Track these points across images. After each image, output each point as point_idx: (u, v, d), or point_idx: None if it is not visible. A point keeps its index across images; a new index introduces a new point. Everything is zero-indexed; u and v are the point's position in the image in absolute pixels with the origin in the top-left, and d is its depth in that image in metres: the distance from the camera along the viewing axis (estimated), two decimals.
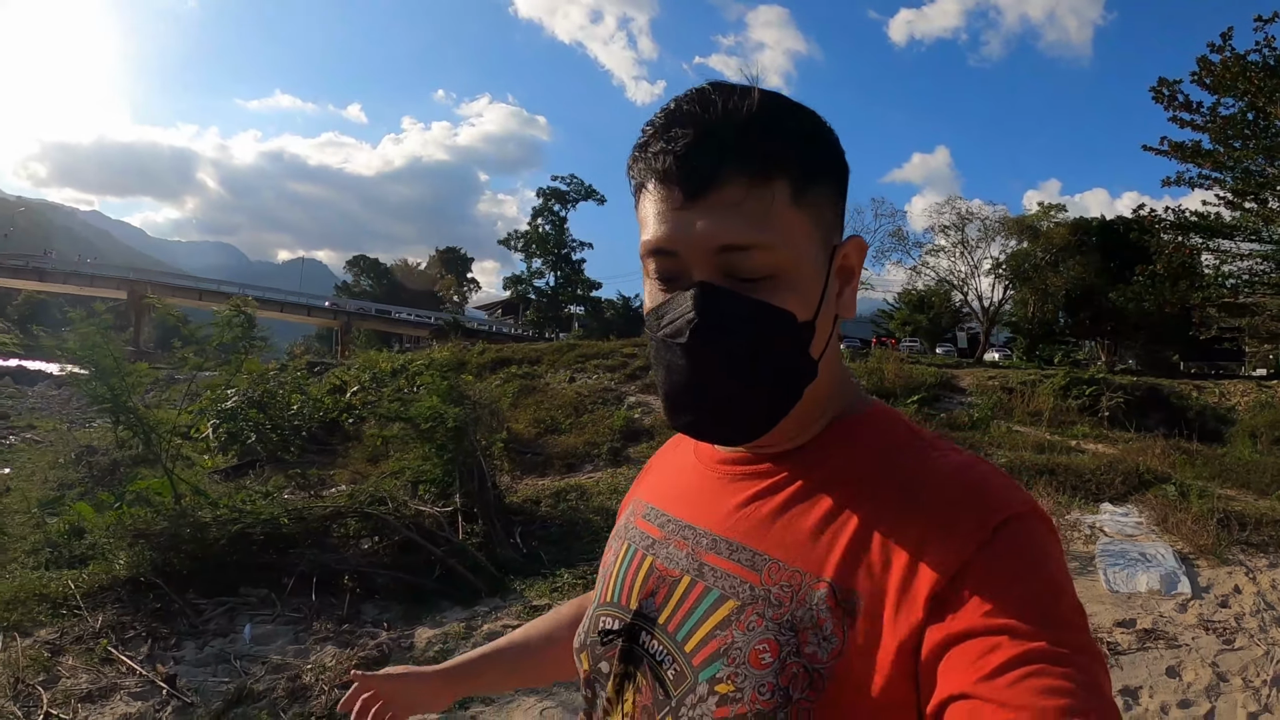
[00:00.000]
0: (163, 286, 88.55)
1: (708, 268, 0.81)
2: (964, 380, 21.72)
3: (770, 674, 0.77)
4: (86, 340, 8.21)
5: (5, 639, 5.52)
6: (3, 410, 31.70)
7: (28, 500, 10.79)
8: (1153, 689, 4.68)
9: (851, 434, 0.90)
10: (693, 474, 1.00)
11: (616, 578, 0.99)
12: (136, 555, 6.85)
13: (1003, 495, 0.78)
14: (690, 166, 0.79)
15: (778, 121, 0.82)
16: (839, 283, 0.88)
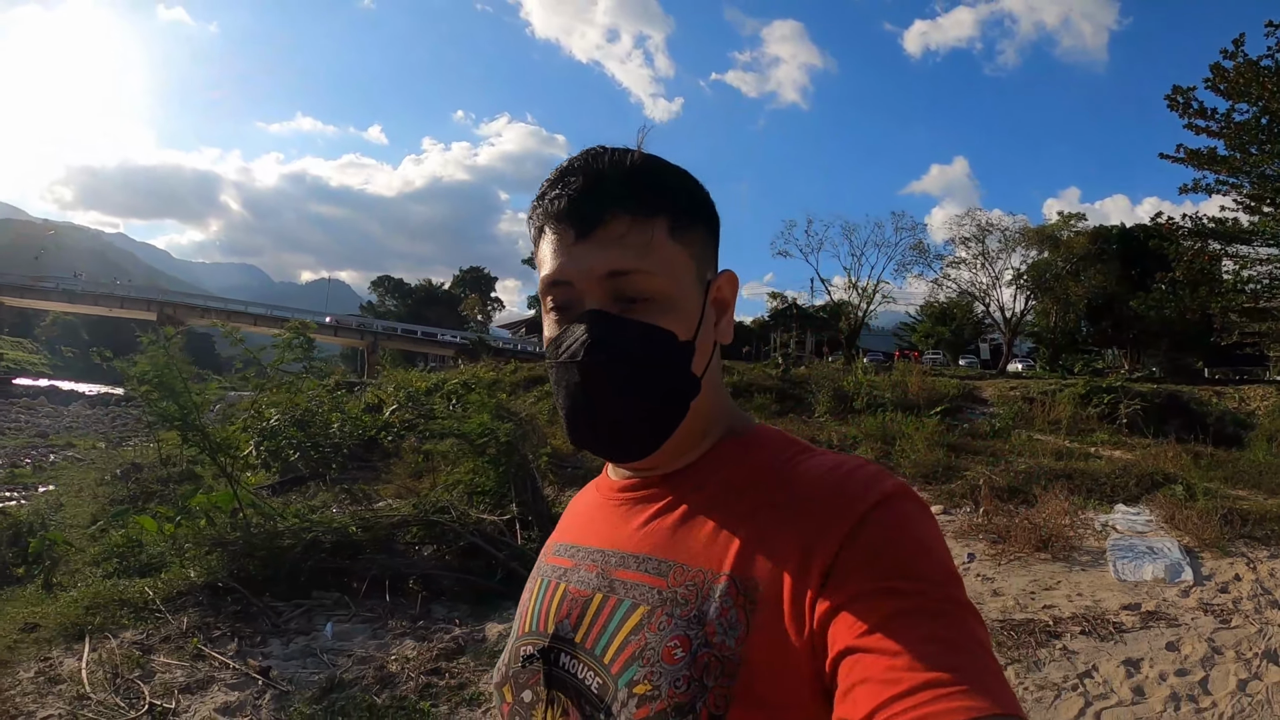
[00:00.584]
0: (192, 308, 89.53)
1: (597, 294, 0.91)
2: (986, 391, 22.05)
3: (684, 667, 0.82)
4: (156, 361, 8.75)
5: (93, 640, 5.90)
6: (41, 429, 32.58)
7: (80, 516, 11.43)
8: (1153, 661, 5.22)
9: (738, 450, 0.98)
10: (596, 507, 1.08)
11: (532, 610, 1.04)
12: (214, 562, 7.33)
13: (874, 482, 0.86)
14: (581, 208, 0.91)
15: (656, 173, 0.95)
16: (715, 312, 0.99)
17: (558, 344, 0.93)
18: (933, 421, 15.49)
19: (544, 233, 0.95)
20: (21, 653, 5.76)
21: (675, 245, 0.93)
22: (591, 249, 0.91)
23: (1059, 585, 6.85)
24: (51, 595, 7.36)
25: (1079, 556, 7.62)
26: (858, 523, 0.81)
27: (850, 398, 18.70)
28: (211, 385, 10.83)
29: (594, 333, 0.90)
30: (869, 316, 55.89)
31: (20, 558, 9.01)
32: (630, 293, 0.91)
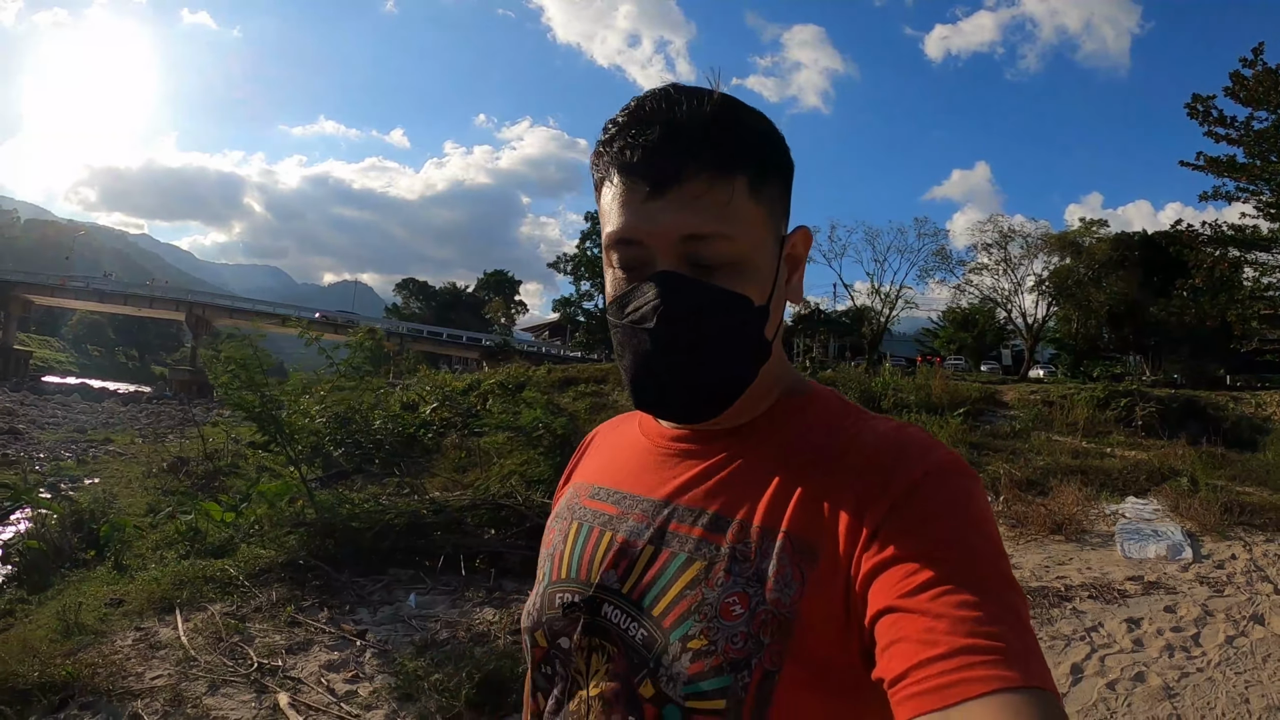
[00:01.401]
0: (220, 308, 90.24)
1: (671, 256, 0.87)
2: (1007, 395, 22.48)
3: (742, 624, 0.83)
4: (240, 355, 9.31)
5: (184, 612, 6.40)
6: (79, 425, 33.48)
7: (136, 506, 12.10)
8: (1152, 620, 6.01)
9: (799, 410, 0.97)
10: (643, 452, 1.05)
11: (571, 555, 1.01)
12: (293, 542, 7.96)
13: (930, 450, 0.86)
14: (656, 161, 0.86)
15: (737, 122, 0.89)
16: (788, 270, 0.96)
17: (624, 303, 0.91)
18: (956, 422, 15.94)
19: (608, 183, 0.91)
20: (113, 624, 6.24)
21: (754, 204, 0.89)
22: (666, 207, 0.86)
23: (1071, 561, 7.62)
24: (126, 575, 7.87)
25: (1090, 538, 8.39)
26: (910, 488, 0.82)
27: (877, 400, 19.24)
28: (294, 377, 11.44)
29: (667, 298, 0.87)
30: (891, 322, 56.07)
31: (86, 543, 9.51)
32: (707, 257, 0.88)
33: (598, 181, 0.94)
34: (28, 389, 56.09)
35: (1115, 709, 4.61)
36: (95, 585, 7.55)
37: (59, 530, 9.63)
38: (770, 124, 0.95)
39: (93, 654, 5.60)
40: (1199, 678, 5.07)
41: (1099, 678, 5.01)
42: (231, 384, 9.40)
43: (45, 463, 19.82)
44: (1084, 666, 5.19)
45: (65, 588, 7.87)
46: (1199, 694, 4.82)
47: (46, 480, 15.16)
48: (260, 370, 9.46)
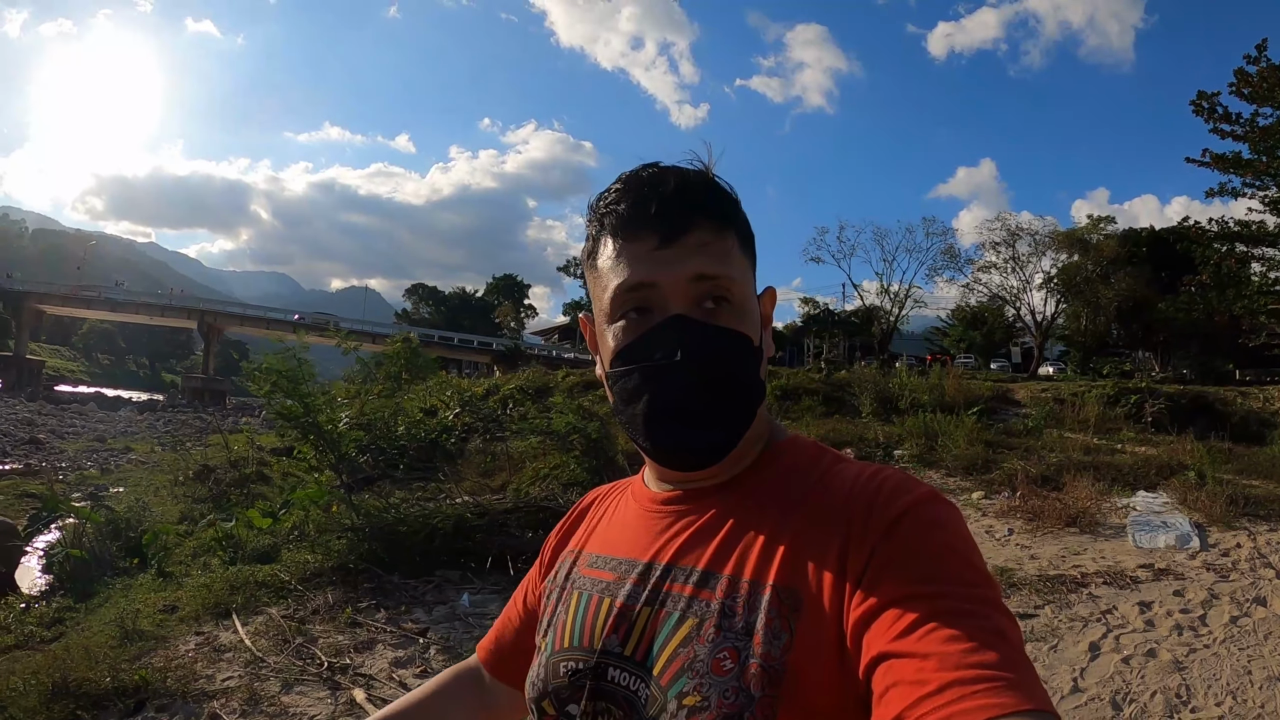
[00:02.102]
0: (232, 316, 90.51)
1: (683, 298, 0.94)
2: (1018, 393, 22.73)
3: (732, 678, 0.84)
4: (284, 365, 9.65)
5: (241, 617, 6.58)
6: (98, 434, 33.74)
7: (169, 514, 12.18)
8: (1162, 603, 6.41)
9: (776, 460, 1.01)
10: (636, 517, 1.08)
11: (574, 623, 1.03)
12: (342, 546, 8.19)
13: (904, 488, 0.89)
14: (669, 214, 0.94)
15: (724, 191, 1.00)
16: (760, 327, 1.01)
17: (643, 348, 0.95)
18: (970, 420, 16.20)
19: (613, 241, 0.97)
20: (171, 629, 6.40)
21: (743, 257, 0.98)
22: (678, 254, 0.93)
23: (1085, 551, 7.99)
24: (172, 582, 8.05)
25: (1103, 530, 8.76)
26: (889, 528, 0.84)
27: (894, 399, 19.49)
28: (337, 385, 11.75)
29: (687, 338, 0.92)
30: (901, 321, 56.20)
31: (125, 551, 9.68)
32: (715, 296, 0.94)
33: (593, 245, 1.01)
34: (44, 398, 56.46)
35: (1130, 680, 5.01)
36: (144, 592, 7.71)
37: (98, 539, 9.84)
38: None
39: (158, 658, 5.78)
40: (1205, 653, 5.46)
41: (1114, 654, 5.40)
42: (273, 394, 9.71)
43: (69, 472, 20.17)
44: (1100, 645, 5.57)
45: (111, 595, 8.05)
46: (1205, 667, 5.21)
47: (73, 490, 15.41)
48: (305, 380, 9.75)
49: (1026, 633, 5.85)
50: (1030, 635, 5.78)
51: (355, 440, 10.68)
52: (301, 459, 11.34)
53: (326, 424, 9.96)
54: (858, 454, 14.02)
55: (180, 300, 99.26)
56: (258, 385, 10.24)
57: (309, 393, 9.81)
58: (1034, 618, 6.14)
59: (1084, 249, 47.43)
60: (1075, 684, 5.00)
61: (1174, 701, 4.74)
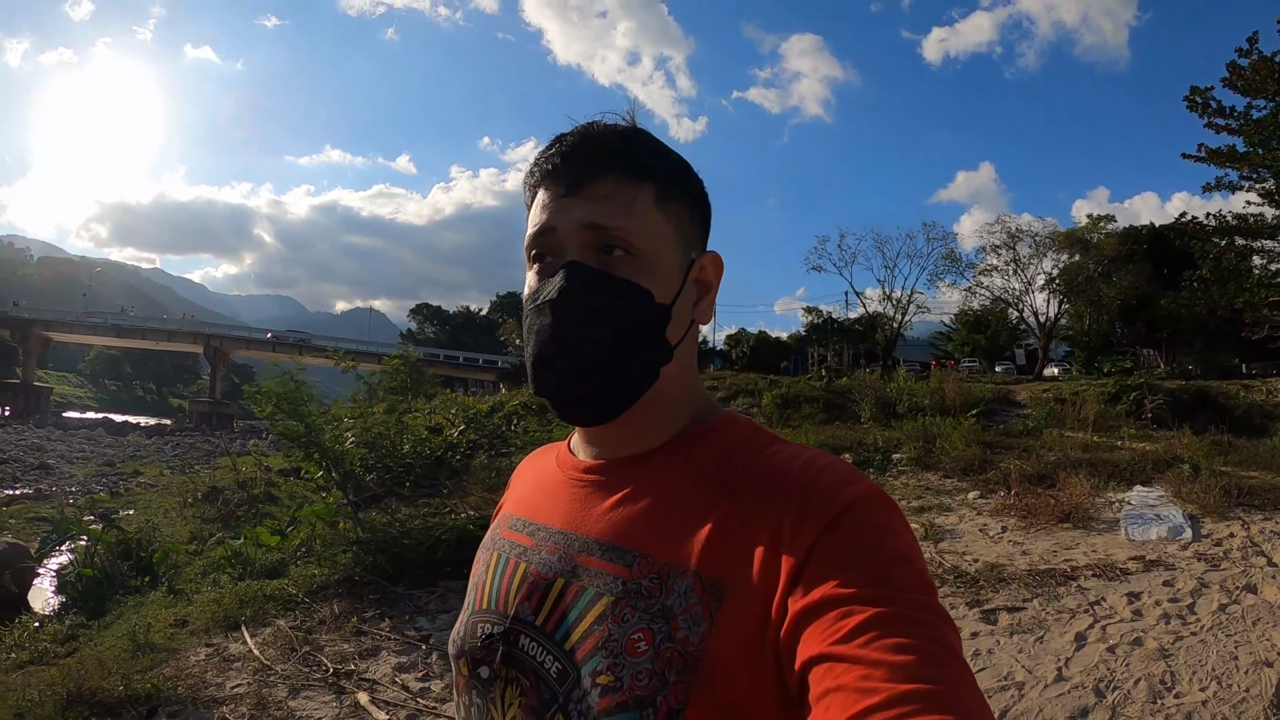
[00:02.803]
0: (238, 340, 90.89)
1: (578, 245, 0.94)
2: (1020, 394, 22.78)
3: (647, 660, 0.83)
4: (283, 387, 9.91)
5: (250, 629, 6.83)
6: (107, 458, 33.96)
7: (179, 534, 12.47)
8: (1150, 593, 6.47)
9: (705, 437, 0.98)
10: (558, 484, 1.06)
11: (491, 586, 1.03)
12: (347, 560, 8.42)
13: (847, 481, 0.85)
14: (571, 165, 0.95)
15: (647, 143, 0.99)
16: (695, 292, 1.00)
17: (535, 294, 0.96)
18: (969, 422, 16.24)
19: (531, 193, 1.00)
20: (182, 642, 6.66)
21: (659, 213, 0.95)
22: (577, 202, 0.94)
23: (1077, 546, 8.04)
24: (182, 599, 8.28)
25: (1096, 525, 8.81)
26: (830, 523, 0.81)
27: (892, 404, 19.56)
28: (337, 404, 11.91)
29: (570, 280, 0.92)
30: (905, 327, 56.15)
31: (136, 570, 9.95)
32: (607, 245, 0.93)
33: (528, 198, 1.01)
34: (52, 424, 56.91)
35: (1115, 669, 5.08)
36: (155, 608, 7.95)
37: (109, 558, 10.08)
38: (682, 159, 1.03)
39: (169, 669, 6.00)
40: (1192, 640, 5.52)
41: (1100, 644, 5.46)
42: (275, 415, 9.91)
43: (79, 496, 20.46)
44: (1087, 635, 5.64)
45: (124, 612, 8.27)
46: (1192, 654, 5.28)
47: (83, 513, 15.72)
48: (304, 401, 9.93)
49: (1014, 625, 5.95)
50: (1017, 627, 5.87)
51: (360, 458, 10.82)
52: (309, 479, 11.53)
53: (330, 442, 10.09)
54: (856, 459, 14.12)
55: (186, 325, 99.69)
56: (260, 407, 10.41)
57: (310, 412, 9.95)
58: (1022, 610, 6.21)
59: (1085, 248, 47.11)
60: (1059, 673, 5.07)
61: (1158, 688, 4.81)
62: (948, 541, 8.64)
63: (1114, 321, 48.25)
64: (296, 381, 10.09)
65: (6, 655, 7.27)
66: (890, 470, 13.63)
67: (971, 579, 7.04)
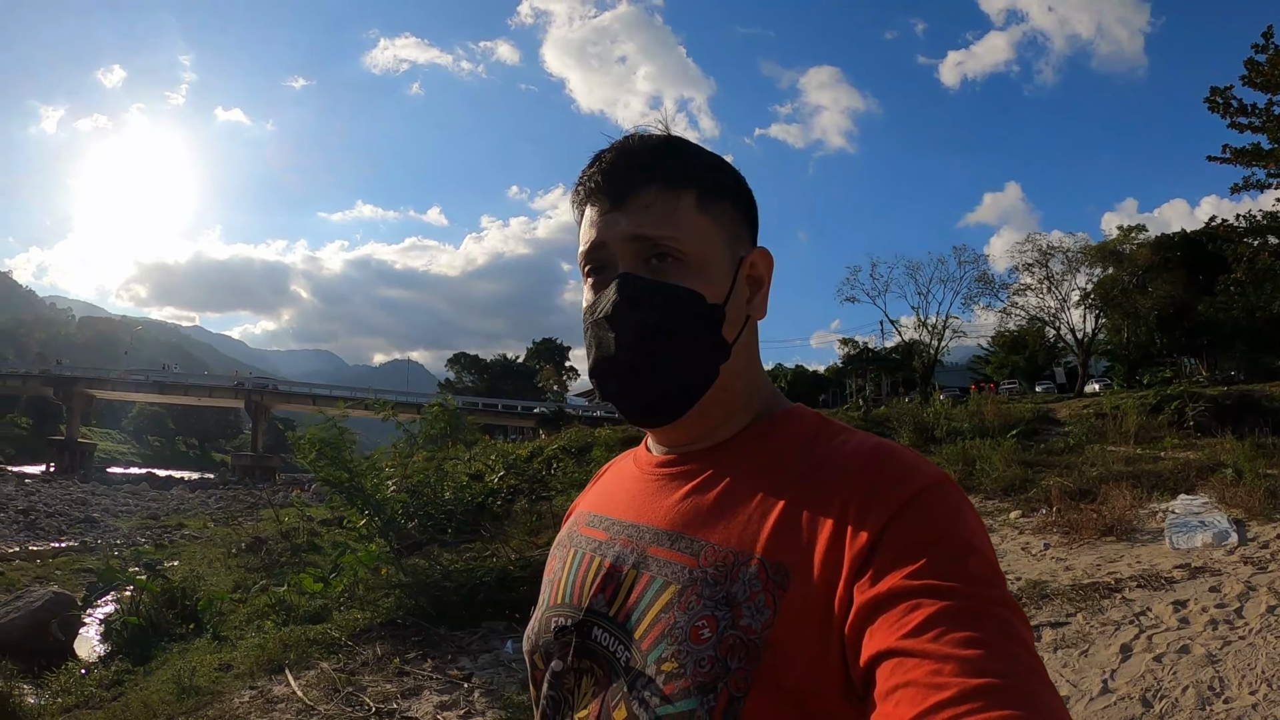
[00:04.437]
0: (279, 394, 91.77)
1: (628, 257, 0.96)
2: (1060, 412, 22.52)
3: (709, 648, 0.83)
4: (326, 435, 10.13)
5: (293, 672, 6.96)
6: (151, 511, 34.51)
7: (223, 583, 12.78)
8: (1197, 600, 6.33)
9: (773, 428, 1.00)
10: (633, 481, 1.08)
11: (566, 581, 1.05)
12: (390, 603, 8.56)
13: (915, 468, 0.85)
14: (613, 179, 0.97)
15: (684, 150, 1.01)
16: (749, 288, 1.02)
17: (593, 307, 0.98)
18: (1009, 443, 16.09)
19: (579, 212, 1.02)
20: (226, 685, 6.83)
21: (703, 215, 0.97)
22: (623, 215, 0.96)
23: (1121, 558, 7.91)
24: (227, 644, 8.48)
25: (1140, 536, 8.66)
26: (898, 511, 0.81)
27: (930, 429, 19.41)
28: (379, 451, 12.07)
29: (623, 291, 0.94)
30: (941, 353, 55.71)
31: (180, 617, 10.21)
32: (657, 253, 0.95)
33: (577, 216, 1.03)
34: (96, 479, 57.73)
35: (1161, 678, 4.99)
36: (200, 654, 8.10)
37: (154, 607, 10.31)
38: (721, 159, 1.04)
39: (212, 710, 6.15)
40: (1240, 644, 5.41)
41: (1146, 653, 5.37)
42: (318, 462, 10.04)
43: (124, 548, 20.87)
44: (1133, 645, 5.55)
45: (169, 658, 8.43)
46: (1240, 658, 5.17)
47: (129, 564, 15.95)
48: (346, 446, 10.15)
49: (1057, 640, 5.86)
50: (1061, 642, 5.79)
51: (401, 505, 10.94)
52: (351, 527, 11.69)
53: (371, 489, 10.22)
54: None
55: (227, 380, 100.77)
56: (303, 454, 10.58)
57: (352, 458, 10.14)
58: (1065, 625, 6.13)
59: (1117, 261, 46.69)
60: (1105, 685, 5.00)
61: (1206, 694, 4.72)
62: None
63: (1152, 332, 47.50)
64: (339, 428, 10.30)
65: (54, 700, 7.49)
66: None
67: (1014, 597, 6.94)
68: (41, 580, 15.11)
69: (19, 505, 32.88)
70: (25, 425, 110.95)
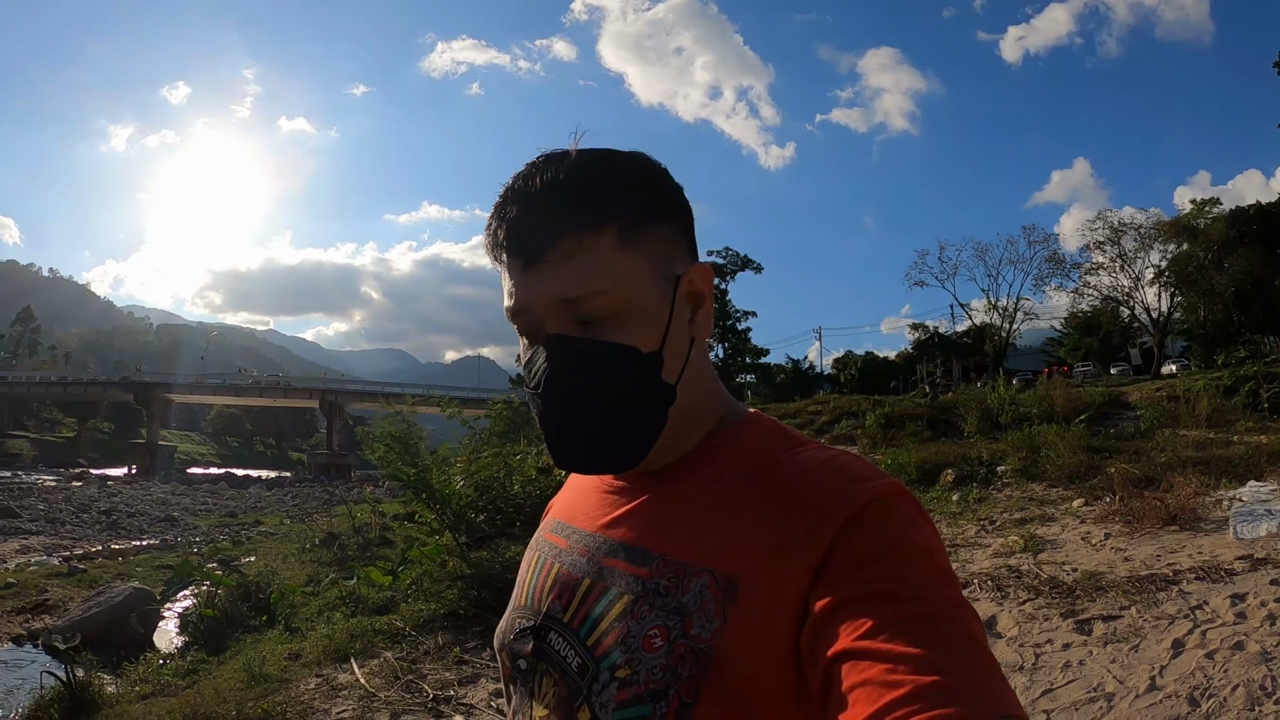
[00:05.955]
0: (353, 394, 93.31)
1: (555, 319, 0.92)
2: (1132, 396, 22.10)
3: (661, 656, 0.85)
4: (395, 431, 10.38)
5: (358, 660, 7.24)
6: (229, 509, 35.65)
7: (297, 577, 13.20)
8: (1257, 593, 6.11)
9: (726, 440, 1.00)
10: (591, 489, 1.09)
11: (529, 584, 1.07)
12: (453, 594, 8.75)
13: (864, 480, 0.86)
14: (521, 236, 0.91)
15: (596, 180, 0.93)
16: (689, 308, 0.98)
17: (528, 369, 0.96)
18: (1077, 428, 15.85)
19: (499, 263, 0.96)
20: (294, 673, 7.18)
21: (628, 254, 0.92)
22: (541, 275, 0.91)
23: (1183, 549, 7.70)
24: (297, 635, 8.85)
25: (1204, 526, 8.44)
26: (848, 522, 0.82)
27: (995, 415, 19.17)
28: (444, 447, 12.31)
29: (554, 361, 0.92)
30: (1013, 336, 54.96)
31: (255, 610, 10.64)
32: (586, 314, 0.91)
33: (493, 266, 0.98)
34: (176, 480, 59.63)
35: (1212, 675, 4.87)
36: (271, 644, 8.52)
37: (229, 600, 10.75)
38: (643, 168, 0.98)
39: (280, 696, 6.43)
40: None
41: (1198, 649, 5.24)
42: (388, 457, 10.29)
43: (202, 545, 21.77)
44: (1185, 641, 5.41)
45: (242, 648, 8.83)
46: None
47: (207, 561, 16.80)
48: (415, 440, 10.41)
49: (1108, 634, 5.76)
50: (1112, 636, 5.69)
51: (469, 500, 11.17)
52: (422, 522, 11.96)
53: (439, 484, 10.43)
54: (959, 474, 13.85)
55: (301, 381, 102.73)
56: (371, 450, 10.82)
57: (421, 452, 10.40)
58: (1118, 619, 6.01)
59: (1192, 236, 45.66)
60: (1153, 682, 4.90)
61: (1256, 694, 4.60)
62: (1047, 552, 8.41)
63: (1230, 310, 46.17)
64: (408, 422, 10.57)
65: (131, 688, 7.88)
66: (994, 483, 13.34)
67: (1068, 589, 6.85)
68: (123, 577, 15.66)
69: (101, 506, 34.01)
70: (107, 430, 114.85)
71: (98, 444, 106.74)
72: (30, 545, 21.99)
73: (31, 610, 13.54)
